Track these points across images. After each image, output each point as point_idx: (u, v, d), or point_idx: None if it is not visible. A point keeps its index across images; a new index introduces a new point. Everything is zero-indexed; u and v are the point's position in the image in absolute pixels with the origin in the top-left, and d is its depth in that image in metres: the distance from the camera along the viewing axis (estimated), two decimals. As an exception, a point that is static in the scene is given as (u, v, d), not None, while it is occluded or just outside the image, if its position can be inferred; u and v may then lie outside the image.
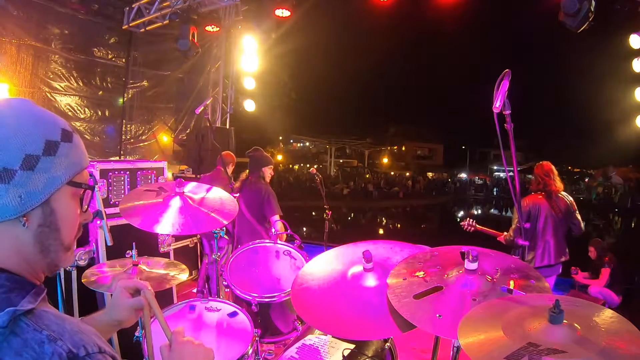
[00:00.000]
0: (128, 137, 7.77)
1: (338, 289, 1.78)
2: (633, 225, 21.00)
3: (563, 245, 4.02)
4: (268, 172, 4.23)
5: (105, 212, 3.32)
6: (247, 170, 4.28)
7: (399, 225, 22.22)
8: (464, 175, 43.77)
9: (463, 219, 4.49)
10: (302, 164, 40.18)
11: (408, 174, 40.82)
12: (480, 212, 28.59)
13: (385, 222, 23.65)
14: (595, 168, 32.09)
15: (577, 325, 1.08)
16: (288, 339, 2.55)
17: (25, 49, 5.88)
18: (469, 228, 4.37)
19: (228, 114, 8.30)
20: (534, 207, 3.97)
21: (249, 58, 7.58)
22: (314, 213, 16.87)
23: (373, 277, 1.78)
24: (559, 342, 1.04)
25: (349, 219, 22.98)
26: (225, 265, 2.72)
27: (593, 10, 4.44)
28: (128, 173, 3.65)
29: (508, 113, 1.76)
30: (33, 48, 5.97)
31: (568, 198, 4.06)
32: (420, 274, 1.62)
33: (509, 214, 21.93)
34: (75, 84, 6.67)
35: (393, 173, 41.76)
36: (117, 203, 3.46)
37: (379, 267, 1.81)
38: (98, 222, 3.11)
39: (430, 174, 43.09)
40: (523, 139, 32.88)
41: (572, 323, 1.09)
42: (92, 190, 0.92)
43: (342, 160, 44.63)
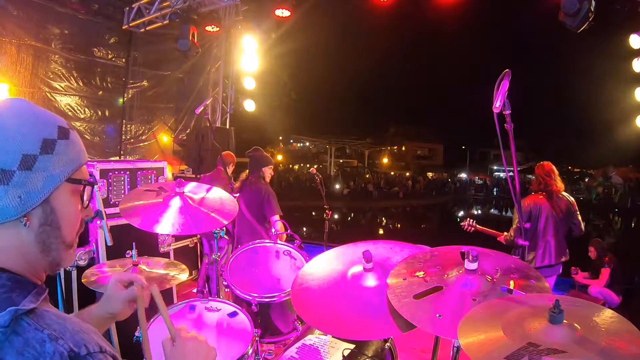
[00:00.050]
0: (128, 137, 7.77)
1: (338, 289, 1.78)
2: (633, 225, 21.01)
3: (563, 246, 4.02)
4: (268, 172, 4.23)
5: (105, 212, 3.33)
6: (247, 170, 4.28)
7: (399, 225, 22.22)
8: (464, 175, 43.76)
9: (463, 219, 4.49)
10: (302, 164, 40.17)
11: (408, 174, 40.80)
12: (480, 212, 28.59)
13: (385, 222, 23.65)
14: (595, 168, 32.10)
15: (577, 325, 1.08)
16: (288, 339, 2.54)
17: (25, 49, 5.88)
18: (469, 228, 4.36)
19: (228, 114, 8.30)
20: (535, 207, 3.97)
21: (249, 58, 7.58)
22: (314, 213, 16.88)
23: (373, 277, 1.78)
24: (559, 342, 1.04)
25: (349, 219, 22.99)
26: (225, 265, 2.72)
27: (593, 10, 4.44)
28: (128, 173, 3.65)
29: (508, 113, 1.76)
30: (33, 48, 5.97)
31: (569, 198, 4.06)
32: (420, 274, 1.62)
33: (509, 214, 21.94)
34: (75, 84, 6.67)
35: (393, 173, 41.73)
36: (117, 203, 3.46)
37: (379, 267, 1.82)
38: (98, 222, 3.11)
39: (430, 174, 43.07)
40: (523, 139, 32.89)
41: (572, 323, 1.09)
42: (92, 187, 0.92)
43: (342, 160, 44.62)
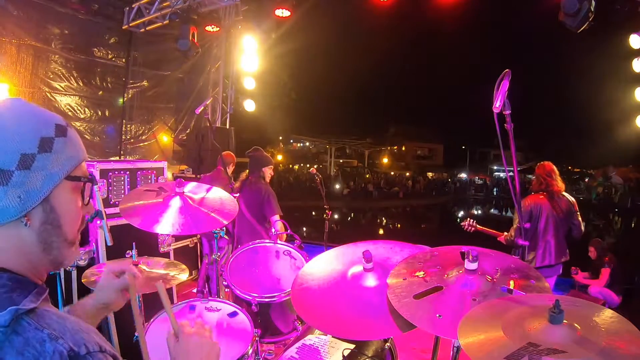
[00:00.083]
0: (128, 137, 7.77)
1: (338, 289, 1.78)
2: (633, 225, 21.00)
3: (564, 246, 4.02)
4: (268, 172, 4.23)
5: (105, 212, 3.34)
6: (247, 170, 4.28)
7: (399, 225, 22.21)
8: (464, 175, 43.76)
9: (463, 219, 4.49)
10: (302, 164, 40.17)
11: (408, 174, 40.80)
12: (480, 212, 28.58)
13: (385, 222, 23.64)
14: (595, 168, 32.09)
15: (577, 325, 1.08)
16: (288, 339, 2.54)
17: (25, 49, 5.88)
18: (470, 228, 4.36)
19: (228, 114, 8.30)
20: (536, 207, 3.97)
21: (249, 58, 7.58)
22: (314, 213, 16.87)
23: (373, 277, 1.78)
24: (559, 342, 1.04)
25: (349, 219, 22.98)
26: (225, 265, 2.72)
27: (593, 10, 4.44)
28: (128, 173, 3.65)
29: (508, 113, 1.76)
30: (33, 48, 5.97)
31: (570, 198, 4.06)
32: (420, 274, 1.62)
33: (509, 214, 21.96)
34: (75, 84, 6.67)
35: (393, 173, 41.73)
36: (117, 203, 3.46)
37: (379, 267, 1.81)
38: (98, 222, 3.12)
39: (430, 174, 43.07)
40: (523, 139, 32.90)
41: (572, 323, 1.09)
42: (92, 183, 0.91)
43: (342, 160, 44.62)
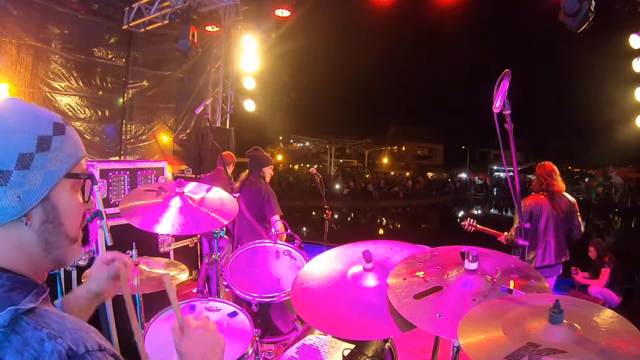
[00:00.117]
0: (128, 137, 7.76)
1: (338, 289, 1.78)
2: (633, 225, 21.01)
3: (564, 246, 4.01)
4: (268, 172, 4.23)
5: (105, 212, 3.34)
6: (247, 170, 4.28)
7: (399, 225, 22.21)
8: (464, 175, 43.76)
9: (463, 219, 4.49)
10: (302, 164, 40.17)
11: (408, 174, 40.80)
12: (480, 212, 28.58)
13: (385, 222, 23.64)
14: (595, 168, 32.10)
15: (577, 325, 1.08)
16: (288, 339, 2.54)
17: (25, 49, 5.88)
18: (470, 228, 4.36)
19: (228, 114, 8.30)
20: (536, 207, 3.96)
21: (249, 58, 7.58)
22: (314, 213, 16.87)
23: (373, 277, 1.78)
24: (559, 342, 1.04)
25: (349, 219, 22.98)
26: (225, 265, 2.72)
27: (593, 10, 4.44)
28: (128, 173, 3.65)
29: (508, 113, 1.76)
30: (33, 48, 5.97)
31: (570, 199, 4.06)
32: (420, 274, 1.62)
33: (509, 214, 21.96)
34: (75, 84, 6.67)
35: (393, 173, 41.74)
36: (117, 203, 3.46)
37: (379, 267, 1.81)
38: (98, 222, 3.11)
39: (430, 174, 43.07)
40: (523, 139, 32.90)
41: (572, 323, 1.09)
42: (91, 179, 0.92)
43: (342, 160, 44.62)
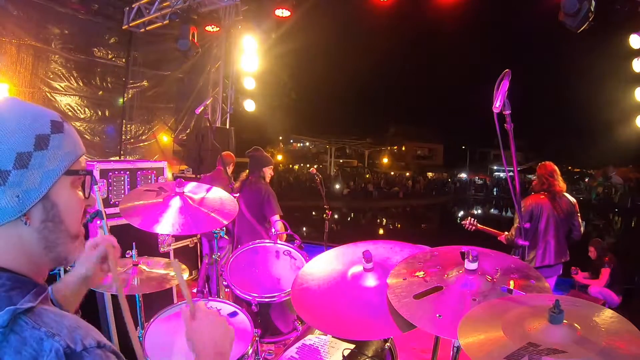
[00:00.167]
0: (128, 137, 7.76)
1: (338, 289, 1.78)
2: (633, 225, 21.00)
3: (564, 246, 4.01)
4: (268, 172, 4.23)
5: (105, 212, 3.34)
6: (247, 170, 4.28)
7: (399, 225, 22.20)
8: (464, 175, 43.76)
9: (464, 218, 4.49)
10: (302, 164, 40.17)
11: (408, 174, 40.80)
12: (481, 212, 28.57)
13: (385, 222, 23.63)
14: (595, 168, 32.09)
15: (577, 325, 1.08)
16: (288, 339, 2.54)
17: (25, 49, 5.88)
18: (470, 227, 4.36)
19: (228, 114, 8.30)
20: (537, 207, 3.96)
21: (249, 58, 7.58)
22: (314, 213, 16.87)
23: (373, 277, 1.78)
24: (559, 342, 1.04)
25: (349, 219, 22.98)
26: (225, 265, 2.72)
27: (593, 10, 4.44)
28: (128, 173, 3.65)
29: (508, 113, 1.76)
30: (33, 48, 5.97)
31: (571, 199, 4.06)
32: (420, 274, 1.62)
33: (509, 214, 21.96)
34: (75, 84, 6.67)
35: (393, 173, 41.74)
36: (117, 203, 3.45)
37: (379, 267, 1.81)
38: (98, 222, 3.12)
39: (430, 174, 43.08)
40: (523, 139, 32.89)
41: (572, 323, 1.09)
42: (91, 176, 0.92)
43: (342, 160, 44.62)
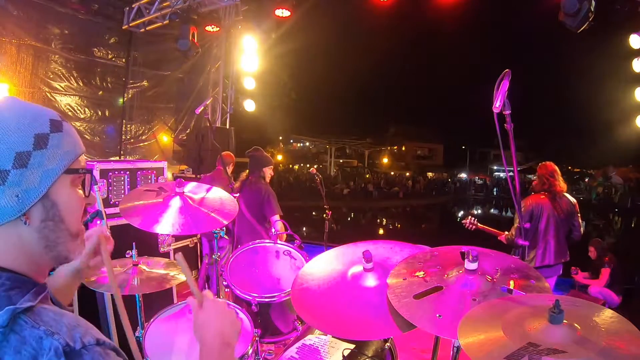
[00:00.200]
0: (128, 137, 7.77)
1: (338, 289, 1.78)
2: (633, 225, 20.99)
3: (564, 246, 4.02)
4: (268, 172, 4.24)
5: (105, 212, 3.34)
6: (247, 170, 4.28)
7: (399, 225, 22.19)
8: (464, 175, 43.76)
9: (464, 218, 4.49)
10: (302, 164, 40.16)
11: (408, 174, 40.81)
12: (481, 212, 28.56)
13: (385, 222, 23.63)
14: (595, 168, 32.09)
15: (577, 325, 1.08)
16: (288, 339, 2.54)
17: (25, 49, 5.88)
18: (471, 226, 4.36)
19: (228, 114, 8.30)
20: (537, 207, 3.97)
21: (249, 58, 7.58)
22: (314, 213, 16.87)
23: (373, 277, 1.78)
24: (559, 342, 1.04)
25: (349, 219, 22.98)
26: (225, 265, 2.72)
27: (593, 10, 4.44)
28: (128, 173, 3.65)
29: (508, 113, 1.76)
30: (33, 48, 5.97)
31: (571, 199, 4.06)
32: (420, 274, 1.62)
33: (509, 214, 21.95)
34: (75, 84, 6.67)
35: (393, 173, 41.75)
36: (117, 203, 3.45)
37: (379, 267, 1.81)
38: (98, 222, 3.11)
39: (430, 174, 43.08)
40: (523, 139, 32.86)
41: (572, 323, 1.09)
42: (91, 174, 0.92)
43: (342, 160, 44.62)
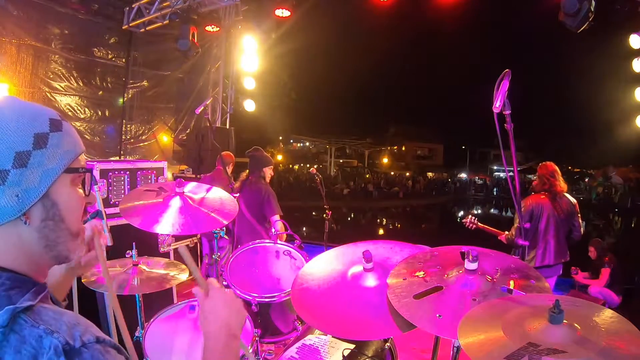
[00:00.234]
0: (128, 137, 7.77)
1: (338, 289, 1.77)
2: (633, 225, 20.99)
3: (564, 246, 4.02)
4: (268, 172, 4.24)
5: (105, 212, 3.33)
6: (247, 170, 4.28)
7: (399, 225, 22.19)
8: (464, 175, 43.77)
9: (465, 217, 4.48)
10: (302, 164, 40.17)
11: (408, 174, 40.81)
12: (481, 212, 28.55)
13: (385, 222, 23.63)
14: (595, 168, 32.08)
15: (577, 325, 1.08)
16: (288, 339, 2.54)
17: (25, 49, 5.88)
18: (471, 226, 4.36)
19: (228, 114, 8.30)
20: (537, 207, 3.97)
21: (249, 58, 7.58)
22: (314, 213, 16.86)
23: (373, 277, 1.78)
24: (559, 342, 1.04)
25: (349, 219, 22.98)
26: (225, 265, 2.72)
27: (593, 10, 4.44)
28: (128, 173, 3.65)
29: (508, 113, 1.76)
30: (33, 48, 5.97)
31: (572, 199, 4.06)
32: (420, 274, 1.61)
33: (509, 214, 21.95)
34: (75, 84, 6.67)
35: (393, 173, 41.75)
36: (117, 203, 3.45)
37: (379, 267, 1.81)
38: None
39: (430, 174, 43.08)
40: (523, 139, 32.86)
41: (572, 323, 1.09)
42: (91, 173, 0.92)
43: (342, 160, 44.62)
